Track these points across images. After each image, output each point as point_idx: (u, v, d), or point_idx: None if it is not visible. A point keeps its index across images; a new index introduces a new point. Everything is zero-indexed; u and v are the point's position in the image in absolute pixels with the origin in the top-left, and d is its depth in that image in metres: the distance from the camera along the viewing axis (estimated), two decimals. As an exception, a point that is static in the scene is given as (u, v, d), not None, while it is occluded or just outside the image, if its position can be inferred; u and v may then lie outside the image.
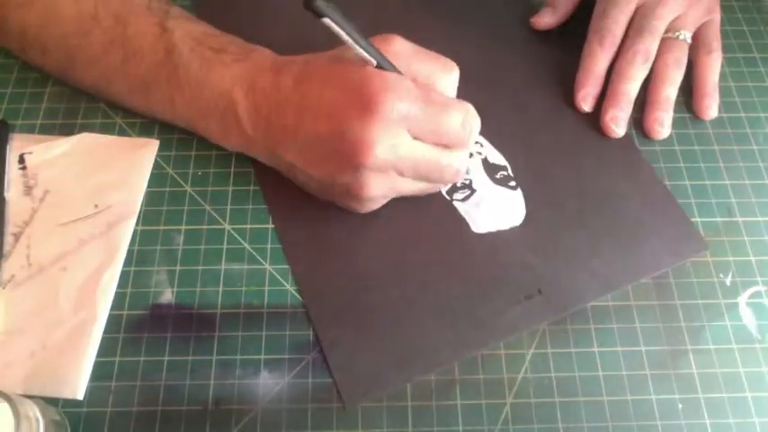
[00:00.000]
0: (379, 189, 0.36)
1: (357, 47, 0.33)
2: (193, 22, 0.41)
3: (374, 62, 0.34)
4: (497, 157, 0.43)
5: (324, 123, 0.35)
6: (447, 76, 0.37)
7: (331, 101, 0.34)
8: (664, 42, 0.46)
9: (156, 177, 0.43)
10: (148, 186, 0.42)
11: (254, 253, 0.40)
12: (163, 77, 0.40)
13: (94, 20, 0.40)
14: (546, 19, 0.49)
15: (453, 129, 0.36)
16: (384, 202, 0.39)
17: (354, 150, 0.34)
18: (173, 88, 0.40)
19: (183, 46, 0.39)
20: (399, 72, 0.35)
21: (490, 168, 0.43)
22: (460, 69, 0.37)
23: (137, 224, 0.41)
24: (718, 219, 0.42)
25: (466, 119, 0.36)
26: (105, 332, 0.37)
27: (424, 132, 0.35)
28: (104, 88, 0.43)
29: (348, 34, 0.32)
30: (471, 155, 0.43)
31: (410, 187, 0.38)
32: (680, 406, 0.36)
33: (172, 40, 0.39)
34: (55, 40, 0.42)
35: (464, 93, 0.38)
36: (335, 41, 0.33)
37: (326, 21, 0.31)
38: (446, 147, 0.37)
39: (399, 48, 0.36)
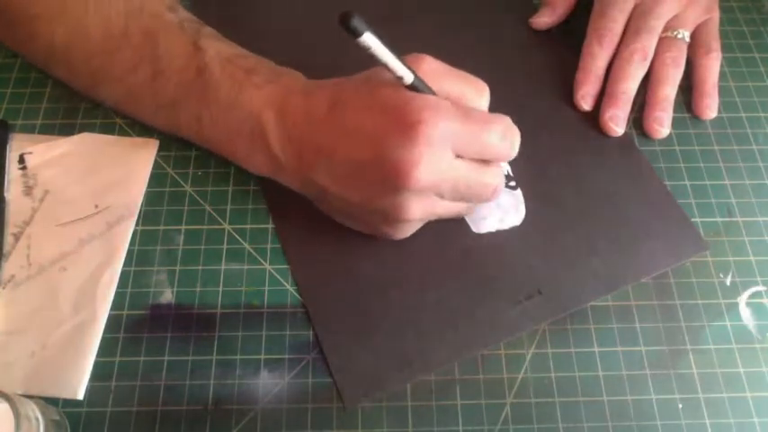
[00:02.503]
0: (418, 212, 0.36)
1: (394, 65, 0.32)
2: (224, 42, 0.41)
3: (409, 80, 0.33)
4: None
5: (364, 148, 0.34)
6: (478, 97, 0.36)
7: (370, 125, 0.34)
8: (662, 41, 0.46)
9: (156, 177, 0.43)
10: (148, 186, 0.42)
11: (254, 253, 0.40)
12: (192, 96, 0.39)
13: (124, 37, 0.40)
14: (545, 19, 0.49)
15: (495, 143, 0.35)
16: (419, 226, 0.39)
17: (397, 173, 0.33)
18: (201, 107, 0.39)
19: (214, 66, 0.38)
20: (433, 92, 0.34)
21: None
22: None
23: (137, 224, 0.41)
24: (719, 219, 0.42)
25: (505, 132, 0.35)
26: (105, 332, 0.37)
27: (467, 149, 0.34)
28: (131, 105, 0.42)
29: (384, 53, 0.31)
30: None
31: (448, 209, 0.37)
32: (680, 406, 0.36)
33: (204, 60, 0.39)
34: (81, 58, 0.41)
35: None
36: (336, 44, 0.33)
37: (365, 40, 0.29)
38: (487, 162, 0.36)
39: (430, 67, 0.35)
